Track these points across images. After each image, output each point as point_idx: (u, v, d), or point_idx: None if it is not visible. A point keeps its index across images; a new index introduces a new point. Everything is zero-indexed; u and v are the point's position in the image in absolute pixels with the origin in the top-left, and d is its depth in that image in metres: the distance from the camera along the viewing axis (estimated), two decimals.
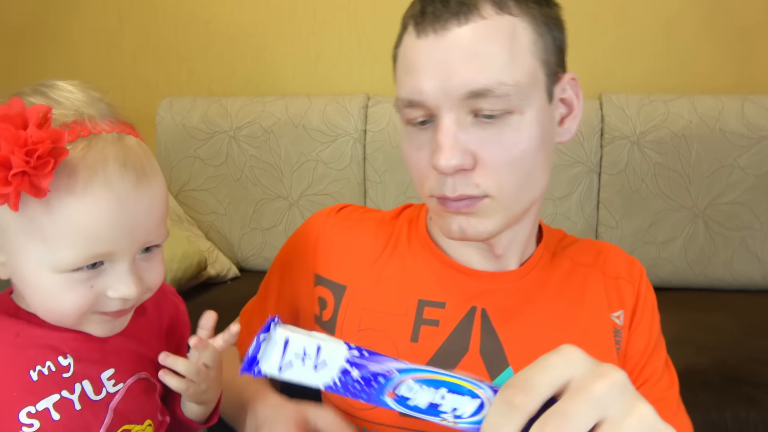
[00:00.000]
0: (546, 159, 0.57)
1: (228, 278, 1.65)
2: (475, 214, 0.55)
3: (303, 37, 1.90)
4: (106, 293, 0.48)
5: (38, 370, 0.50)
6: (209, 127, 1.73)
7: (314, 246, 0.68)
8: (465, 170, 0.53)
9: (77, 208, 0.46)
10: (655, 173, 1.56)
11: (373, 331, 0.61)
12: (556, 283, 0.62)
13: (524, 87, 0.52)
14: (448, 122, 0.52)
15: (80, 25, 2.01)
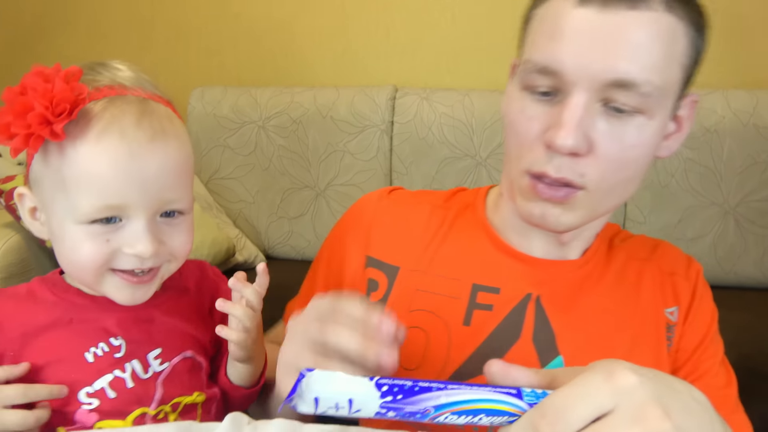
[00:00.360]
0: (644, 169, 0.55)
1: (255, 265, 1.68)
2: (565, 205, 0.54)
3: (332, 30, 1.92)
4: (122, 249, 0.50)
5: (93, 351, 0.53)
6: (239, 117, 1.76)
7: (367, 228, 0.67)
8: (577, 155, 0.51)
9: (90, 155, 0.48)
10: (686, 169, 1.54)
11: (424, 312, 0.61)
12: (611, 276, 0.61)
13: (664, 92, 0.50)
14: (578, 101, 0.50)
15: (113, 16, 2.06)
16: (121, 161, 0.48)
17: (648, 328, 0.59)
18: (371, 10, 1.88)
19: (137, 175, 0.49)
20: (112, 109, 0.49)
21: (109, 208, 0.49)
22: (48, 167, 0.50)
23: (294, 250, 1.76)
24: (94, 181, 0.48)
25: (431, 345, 0.60)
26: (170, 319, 0.58)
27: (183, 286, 0.62)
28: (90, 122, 0.48)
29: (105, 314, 0.54)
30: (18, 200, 0.54)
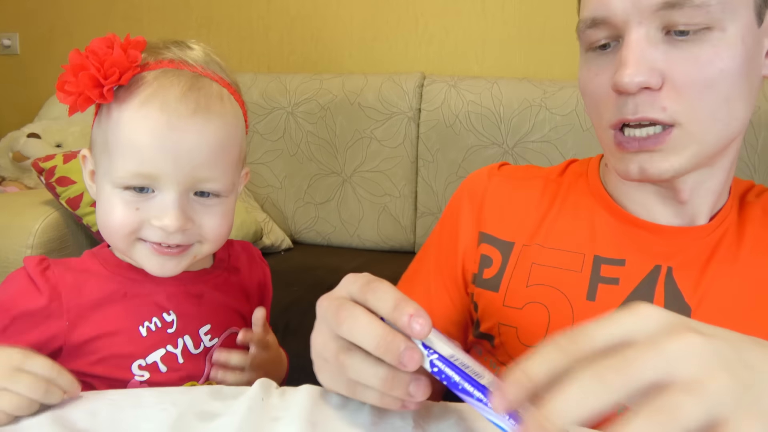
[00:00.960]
0: (748, 88, 0.50)
1: (282, 249, 1.71)
2: (662, 150, 0.50)
3: (361, 18, 1.93)
4: (150, 221, 0.51)
5: (146, 326, 0.54)
6: (268, 103, 1.79)
7: (479, 204, 0.66)
8: (651, 90, 0.48)
9: (130, 120, 0.50)
10: None
11: (544, 287, 0.59)
12: (749, 237, 0.55)
13: (728, 2, 0.47)
14: (636, 36, 0.48)
15: (150, 4, 2.10)
16: (158, 131, 0.49)
17: None
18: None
19: (172, 146, 0.49)
20: (162, 80, 0.50)
21: (141, 176, 0.50)
22: (99, 129, 0.52)
23: (320, 235, 1.79)
24: (131, 146, 0.50)
25: (554, 321, 0.57)
26: (218, 295, 0.60)
27: (233, 266, 0.63)
28: (137, 90, 0.50)
29: (157, 288, 0.56)
30: (82, 162, 0.57)
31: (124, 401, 0.45)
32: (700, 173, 0.54)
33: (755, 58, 0.50)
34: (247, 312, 0.63)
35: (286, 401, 0.45)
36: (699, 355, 0.27)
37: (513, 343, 0.60)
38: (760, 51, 0.51)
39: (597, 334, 0.29)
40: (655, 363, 0.27)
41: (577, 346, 0.28)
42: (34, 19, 2.24)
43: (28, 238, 1.20)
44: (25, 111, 2.21)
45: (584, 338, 0.29)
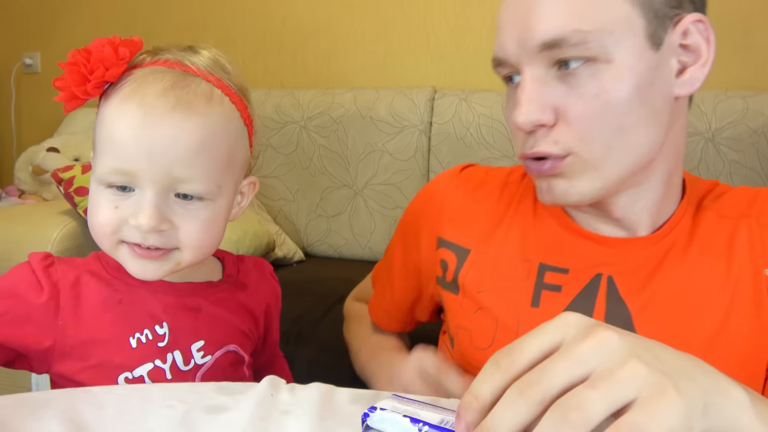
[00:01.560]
0: (651, 114, 0.51)
1: (294, 261, 1.72)
2: (562, 174, 0.52)
3: (373, 35, 1.96)
4: (128, 220, 0.50)
5: (137, 337, 0.53)
6: (281, 117, 1.81)
7: (438, 208, 0.67)
8: (546, 126, 0.51)
9: (109, 116, 0.50)
10: (731, 171, 1.50)
11: (492, 293, 0.61)
12: (698, 243, 0.56)
13: (609, 33, 0.48)
14: (527, 77, 0.51)
15: (168, 21, 2.15)
16: (134, 126, 0.48)
17: (743, 296, 0.53)
18: (412, 15, 1.91)
19: (147, 142, 0.48)
20: (146, 77, 0.50)
21: (119, 173, 0.49)
22: (94, 128, 0.53)
23: (331, 248, 1.79)
24: (110, 142, 0.50)
25: (500, 327, 0.59)
26: (218, 311, 0.58)
27: (241, 282, 0.61)
28: (121, 86, 0.50)
29: (153, 297, 0.54)
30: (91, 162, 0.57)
31: (132, 396, 0.45)
32: (629, 194, 0.55)
33: (654, 83, 0.50)
34: (250, 329, 0.62)
35: (296, 396, 0.46)
36: (609, 350, 0.29)
37: (466, 346, 0.63)
38: (661, 74, 0.51)
39: (527, 348, 0.31)
40: (566, 367, 0.29)
41: (511, 361, 0.31)
42: (55, 39, 2.30)
43: (46, 246, 1.23)
44: (45, 127, 2.27)
45: (518, 354, 0.31)
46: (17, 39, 2.35)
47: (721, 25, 1.67)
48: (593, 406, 0.27)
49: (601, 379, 0.28)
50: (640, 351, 0.30)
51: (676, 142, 0.55)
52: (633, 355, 0.29)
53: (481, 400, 0.31)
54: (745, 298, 0.54)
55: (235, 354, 0.59)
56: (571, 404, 0.28)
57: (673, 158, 0.56)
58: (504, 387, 0.30)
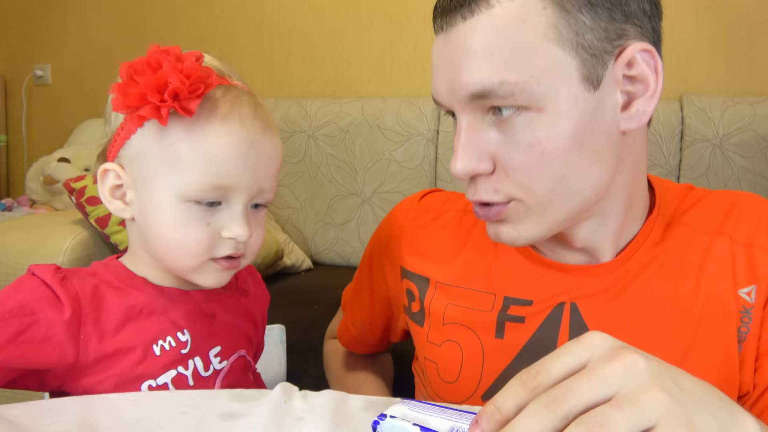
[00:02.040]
0: (592, 156, 0.48)
1: (302, 269, 1.72)
2: (508, 220, 0.51)
3: (380, 44, 1.97)
4: (220, 233, 0.51)
5: (161, 345, 0.52)
6: (289, 127, 1.83)
7: (398, 239, 0.67)
8: (483, 175, 0.49)
9: (215, 134, 0.49)
10: (739, 177, 1.50)
11: (457, 325, 0.60)
12: (666, 262, 0.54)
13: (537, 82, 0.45)
14: (461, 124, 0.49)
15: (175, 32, 2.18)
16: (241, 145, 0.50)
17: (712, 318, 0.52)
18: (418, 24, 1.93)
19: (252, 160, 0.51)
20: (230, 97, 0.51)
21: (218, 188, 0.50)
22: (160, 142, 0.50)
23: (339, 256, 1.80)
24: (214, 160, 0.49)
25: (467, 358, 0.59)
26: (229, 317, 0.58)
27: (242, 288, 0.62)
28: (215, 105, 0.50)
29: (173, 306, 0.54)
30: (101, 177, 0.53)
31: (147, 403, 0.45)
32: (586, 224, 0.53)
33: (594, 125, 0.47)
34: (253, 335, 0.62)
35: (309, 403, 0.46)
36: (635, 373, 0.30)
37: (434, 378, 0.62)
38: (602, 114, 0.47)
39: (552, 368, 0.31)
40: (591, 386, 0.30)
41: (538, 381, 0.31)
42: (66, 51, 2.33)
43: (58, 256, 1.24)
44: (55, 137, 2.29)
45: (544, 372, 0.31)
46: (28, 51, 2.39)
47: (729, 32, 1.67)
48: (617, 425, 0.28)
49: (626, 402, 0.29)
50: (664, 378, 0.30)
51: (632, 170, 0.52)
52: (657, 383, 0.30)
53: (505, 412, 0.31)
54: (713, 321, 0.52)
55: (245, 359, 0.59)
56: (596, 421, 0.28)
57: (629, 185, 0.53)
58: (526, 403, 0.31)
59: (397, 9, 1.94)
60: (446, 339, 0.61)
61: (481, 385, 0.58)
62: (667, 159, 1.55)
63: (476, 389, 0.59)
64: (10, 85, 2.42)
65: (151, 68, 0.48)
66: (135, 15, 2.23)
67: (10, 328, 0.47)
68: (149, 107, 0.47)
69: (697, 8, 1.68)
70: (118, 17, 2.26)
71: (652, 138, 1.54)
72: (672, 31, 1.70)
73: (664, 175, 1.55)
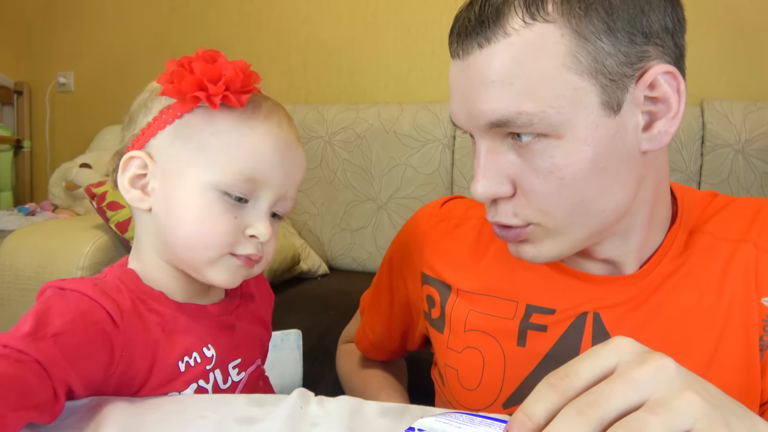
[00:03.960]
0: (612, 180, 0.48)
1: (318, 274, 1.73)
2: (528, 240, 0.51)
3: (396, 51, 1.98)
4: (244, 231, 0.52)
5: (186, 361, 0.52)
6: (307, 132, 1.84)
7: (419, 245, 0.67)
8: (504, 198, 0.49)
9: (258, 129, 0.51)
10: (762, 183, 1.47)
11: (479, 333, 0.60)
12: (689, 272, 0.54)
13: (556, 111, 0.45)
14: (481, 149, 0.49)
15: (194, 40, 2.21)
16: (280, 144, 0.52)
17: (735, 327, 0.51)
18: (435, 31, 1.93)
19: (286, 161, 0.53)
20: (270, 103, 0.54)
21: (251, 181, 0.51)
22: (201, 131, 0.51)
23: (355, 261, 1.80)
24: (252, 153, 0.51)
25: (488, 365, 0.59)
26: (245, 326, 0.58)
27: (248, 293, 0.62)
28: (259, 104, 0.53)
29: (195, 322, 0.54)
30: (123, 165, 0.52)
31: (167, 406, 0.46)
32: (609, 241, 0.53)
33: (614, 150, 0.47)
34: (266, 339, 0.63)
35: (325, 409, 0.46)
36: (666, 377, 0.30)
37: (454, 385, 0.62)
38: (622, 138, 0.47)
39: (581, 371, 0.31)
40: (624, 391, 0.29)
41: (567, 383, 0.31)
42: (88, 59, 2.38)
43: (79, 260, 1.26)
44: (77, 143, 2.34)
45: (573, 376, 0.31)
46: (51, 59, 2.44)
47: (751, 36, 1.65)
48: (654, 431, 0.28)
49: (660, 407, 0.29)
50: (693, 383, 0.30)
51: (655, 184, 0.52)
52: (688, 386, 0.30)
53: (535, 420, 0.31)
54: (735, 330, 0.52)
55: (260, 368, 0.60)
56: (633, 427, 0.28)
57: (651, 200, 0.53)
58: (558, 408, 0.30)
59: (413, 16, 1.95)
60: (467, 346, 0.61)
61: (503, 392, 0.58)
62: (688, 164, 1.53)
63: (497, 397, 0.59)
64: (34, 93, 2.48)
65: (206, 60, 0.50)
66: (155, 23, 2.27)
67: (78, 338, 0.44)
68: (203, 93, 0.49)
69: (717, 12, 1.66)
70: (138, 26, 2.30)
71: (672, 143, 1.53)
72: (692, 35, 1.67)
73: (685, 181, 1.53)
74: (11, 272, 1.30)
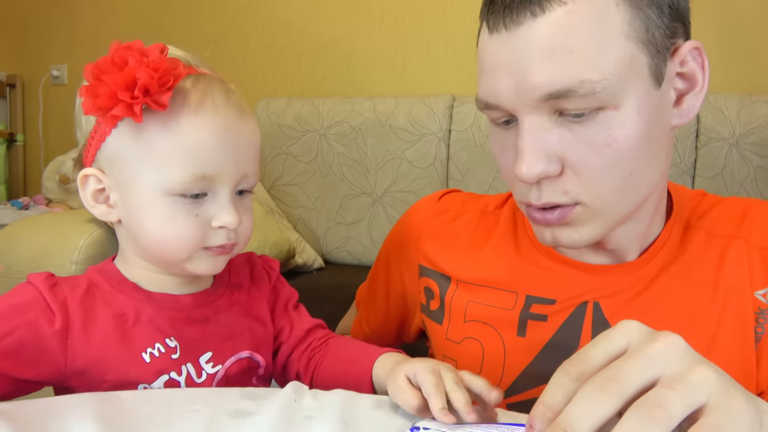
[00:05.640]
0: (655, 151, 0.49)
1: (314, 268, 1.73)
2: (570, 224, 0.50)
3: (391, 43, 1.97)
4: (210, 224, 0.51)
5: (150, 352, 0.52)
6: (302, 126, 1.83)
7: (417, 237, 0.67)
8: (551, 177, 0.48)
9: (190, 126, 0.49)
10: (756, 177, 1.48)
11: (479, 323, 0.60)
12: (685, 264, 0.55)
13: (617, 79, 0.45)
14: (528, 126, 0.47)
15: (190, 32, 2.20)
16: (219, 133, 0.50)
17: (730, 319, 0.52)
18: (430, 24, 1.92)
19: (231, 147, 0.50)
20: (200, 86, 0.50)
21: (202, 179, 0.50)
22: (137, 140, 0.49)
23: (351, 255, 1.80)
24: (193, 151, 0.49)
25: (488, 355, 0.59)
26: (224, 318, 0.57)
27: (235, 283, 0.61)
28: (187, 96, 0.49)
29: (160, 313, 0.54)
30: (81, 183, 0.53)
31: (158, 400, 0.46)
32: (624, 226, 0.53)
33: (658, 121, 0.48)
34: (259, 331, 0.60)
35: (319, 402, 0.46)
36: (677, 353, 0.31)
37: None
38: (664, 109, 0.49)
39: (594, 354, 0.32)
40: (639, 367, 0.30)
41: (582, 368, 0.31)
42: (81, 51, 2.36)
43: (73, 254, 1.25)
44: (71, 137, 2.31)
45: (587, 360, 0.32)
46: (45, 52, 2.42)
47: (745, 29, 1.65)
48: (674, 405, 0.28)
49: (677, 382, 0.29)
50: (702, 359, 0.31)
51: (665, 170, 0.53)
52: (700, 361, 0.31)
53: (556, 409, 0.31)
54: (731, 321, 0.53)
55: (249, 360, 0.58)
56: (654, 402, 0.28)
57: (662, 186, 0.55)
58: (575, 393, 0.31)
59: (408, 8, 1.94)
60: (466, 336, 0.61)
61: (502, 382, 0.58)
62: (682, 158, 1.53)
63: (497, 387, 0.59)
64: (27, 86, 2.46)
65: (116, 66, 0.47)
66: (149, 16, 2.26)
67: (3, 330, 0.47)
68: (121, 106, 0.46)
69: (713, 5, 1.66)
70: (132, 18, 2.28)
71: None
72: None
73: (679, 175, 1.54)
74: (4, 266, 1.29)
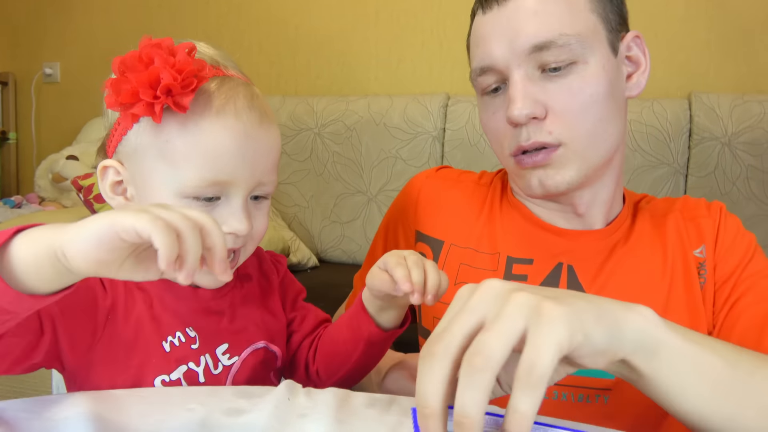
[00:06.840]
0: (616, 109, 0.61)
1: (308, 267, 1.73)
2: (552, 165, 0.60)
3: (386, 42, 1.97)
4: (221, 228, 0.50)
5: (170, 341, 0.52)
6: (296, 125, 1.83)
7: (415, 204, 0.73)
8: (537, 119, 0.58)
9: (210, 129, 0.49)
10: (748, 176, 1.49)
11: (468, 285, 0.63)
12: (639, 237, 0.65)
13: (585, 38, 0.58)
14: (518, 77, 0.58)
15: (182, 30, 2.19)
16: (238, 139, 0.49)
17: (679, 276, 0.63)
18: (425, 23, 1.93)
19: (249, 154, 0.50)
20: (225, 89, 0.50)
21: (216, 184, 0.49)
22: (156, 138, 0.49)
23: (345, 254, 1.80)
24: (210, 154, 0.49)
25: None
26: (239, 310, 0.58)
27: (245, 274, 0.61)
28: (210, 99, 0.49)
29: (180, 303, 0.54)
30: (100, 174, 0.53)
31: (152, 399, 0.46)
32: (592, 188, 0.63)
33: (617, 84, 0.61)
34: (272, 322, 0.61)
35: (313, 400, 0.46)
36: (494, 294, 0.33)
37: None
38: (620, 77, 0.62)
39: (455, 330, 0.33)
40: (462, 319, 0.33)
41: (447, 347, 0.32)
42: (74, 49, 2.35)
43: None
44: (64, 135, 2.31)
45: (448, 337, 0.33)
46: (37, 49, 2.41)
47: (738, 30, 1.66)
48: (491, 346, 0.30)
49: (492, 321, 0.31)
50: (524, 287, 0.33)
51: (622, 151, 0.65)
52: (515, 289, 0.33)
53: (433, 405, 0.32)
54: (681, 278, 0.63)
55: (265, 350, 0.58)
56: (473, 351, 0.30)
57: (621, 158, 0.66)
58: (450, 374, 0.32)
59: (403, 7, 1.94)
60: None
61: None
62: (675, 157, 1.54)
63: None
64: (19, 84, 2.44)
65: (142, 63, 0.47)
66: (143, 13, 2.25)
67: None
68: (142, 104, 0.46)
69: (706, 6, 1.67)
70: (125, 16, 2.27)
71: (660, 136, 1.54)
72: (680, 29, 1.69)
73: (672, 174, 1.54)
74: None
